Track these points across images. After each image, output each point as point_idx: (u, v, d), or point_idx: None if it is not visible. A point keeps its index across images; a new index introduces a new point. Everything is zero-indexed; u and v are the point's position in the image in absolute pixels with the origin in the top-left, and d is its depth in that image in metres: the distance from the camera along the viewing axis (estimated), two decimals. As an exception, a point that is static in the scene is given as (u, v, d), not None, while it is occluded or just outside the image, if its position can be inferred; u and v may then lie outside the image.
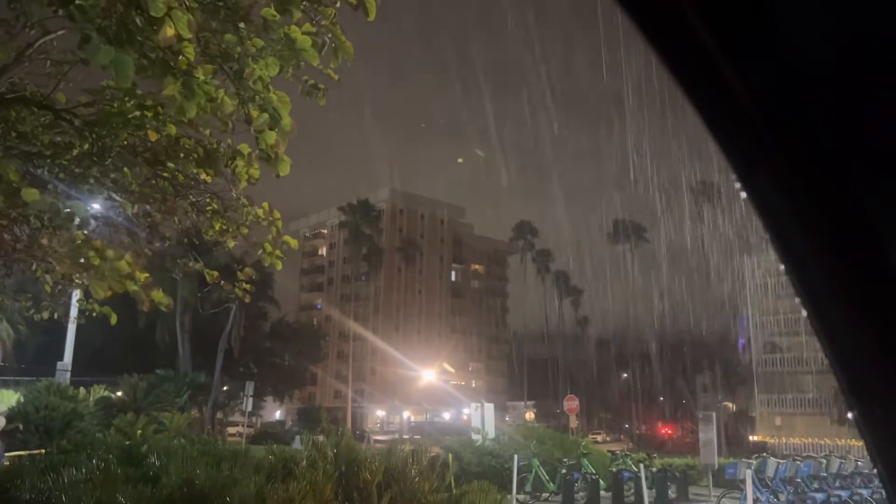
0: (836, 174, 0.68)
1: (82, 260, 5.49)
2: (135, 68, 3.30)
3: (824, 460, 17.61)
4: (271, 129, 4.18)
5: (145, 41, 3.30)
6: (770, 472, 15.58)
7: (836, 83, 0.66)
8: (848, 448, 32.00)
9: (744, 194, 0.74)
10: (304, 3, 3.83)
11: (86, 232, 5.85)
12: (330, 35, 3.95)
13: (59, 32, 5.08)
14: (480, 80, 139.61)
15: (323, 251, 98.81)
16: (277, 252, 5.84)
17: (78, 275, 5.61)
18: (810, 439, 50.42)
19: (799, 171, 0.70)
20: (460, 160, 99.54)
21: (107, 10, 3.11)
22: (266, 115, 4.10)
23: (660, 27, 0.72)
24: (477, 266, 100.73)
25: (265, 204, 5.92)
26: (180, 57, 3.52)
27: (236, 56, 3.89)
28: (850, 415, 0.81)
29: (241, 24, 3.85)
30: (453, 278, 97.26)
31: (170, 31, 3.18)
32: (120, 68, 3.17)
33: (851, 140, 0.67)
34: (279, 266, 5.88)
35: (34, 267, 6.24)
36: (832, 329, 0.76)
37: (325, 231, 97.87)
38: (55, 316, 7.10)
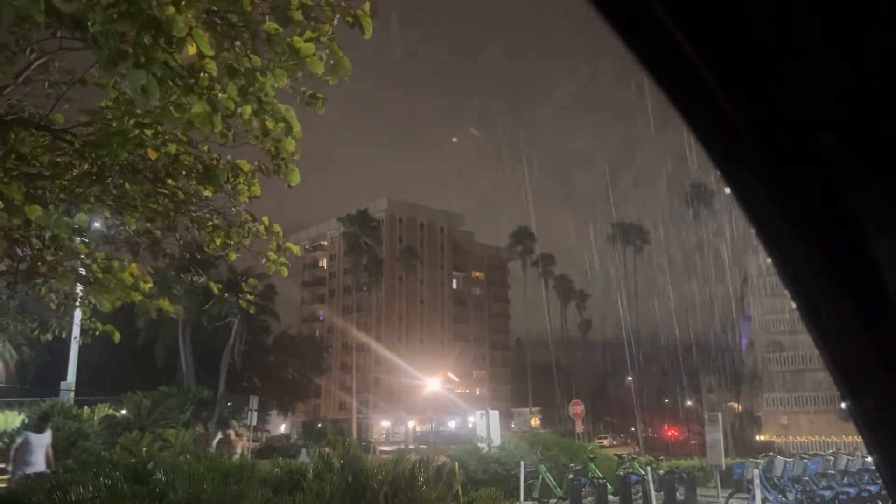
0: (818, 169, 0.70)
1: (85, 273, 5.51)
2: (158, 87, 3.36)
3: (832, 458, 17.57)
4: (287, 136, 4.26)
5: (165, 61, 3.35)
6: (778, 471, 15.55)
7: (811, 81, 0.68)
8: (855, 445, 31.87)
9: (728, 190, 0.76)
10: (302, 19, 3.87)
11: (88, 246, 5.88)
12: (328, 51, 4.00)
13: (55, 52, 5.12)
14: (479, 89, 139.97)
15: (323, 263, 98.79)
16: (282, 259, 5.87)
17: (83, 290, 5.63)
18: (817, 437, 50.28)
19: (781, 167, 0.72)
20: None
21: (125, 35, 3.15)
22: (282, 125, 4.17)
23: (635, 29, 0.74)
24: (478, 273, 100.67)
25: (265, 219, 5.95)
26: (202, 74, 3.57)
27: (242, 71, 3.93)
28: (843, 405, 0.83)
29: (241, 42, 3.89)
30: (455, 286, 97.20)
31: (192, 50, 3.22)
32: (149, 91, 3.22)
33: (831, 135, 0.70)
34: (285, 273, 5.91)
35: (38, 286, 6.26)
36: (821, 322, 0.78)
37: (325, 243, 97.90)
38: (63, 335, 7.11)
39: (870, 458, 17.11)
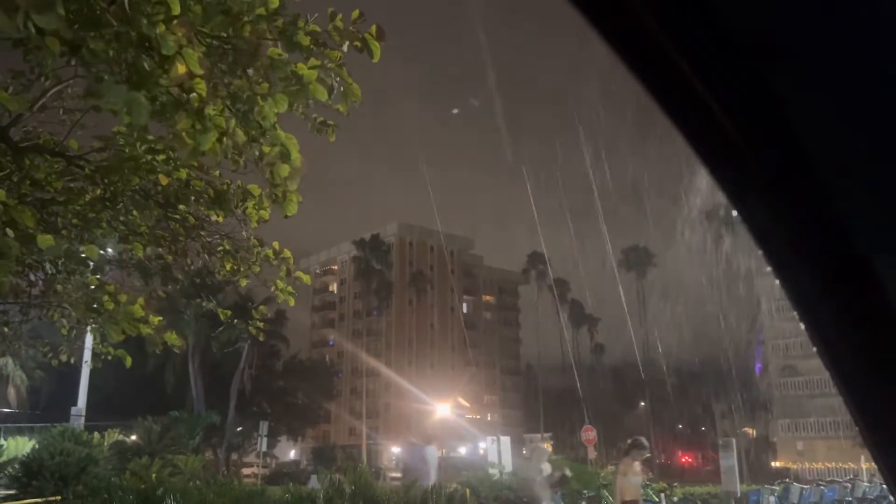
0: (817, 186, 0.70)
1: (96, 305, 5.55)
2: (148, 108, 3.37)
3: (849, 484, 17.31)
4: (283, 163, 4.25)
5: (156, 81, 3.37)
6: (794, 498, 15.31)
7: (808, 95, 0.68)
8: (873, 471, 31.28)
9: (735, 212, 0.76)
10: (311, 46, 3.90)
11: (99, 276, 5.92)
12: (338, 79, 4.01)
13: (70, 80, 5.21)
14: (487, 111, 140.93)
15: (333, 287, 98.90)
16: (289, 289, 5.87)
17: (92, 319, 5.66)
18: (834, 463, 49.44)
19: (782, 185, 0.72)
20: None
21: (118, 53, 3.19)
22: (277, 149, 4.17)
23: (629, 45, 0.74)
24: (488, 297, 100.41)
25: (275, 243, 5.97)
26: (192, 94, 3.59)
27: (244, 97, 3.96)
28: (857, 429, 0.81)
29: (243, 67, 3.92)
30: (465, 310, 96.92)
31: (181, 69, 3.25)
32: (134, 108, 3.24)
33: (831, 149, 0.69)
34: (292, 302, 5.90)
35: (50, 312, 6.30)
36: (829, 344, 0.77)
37: (335, 267, 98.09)
38: (72, 360, 7.14)
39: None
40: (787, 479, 18.40)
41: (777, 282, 0.80)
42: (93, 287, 5.62)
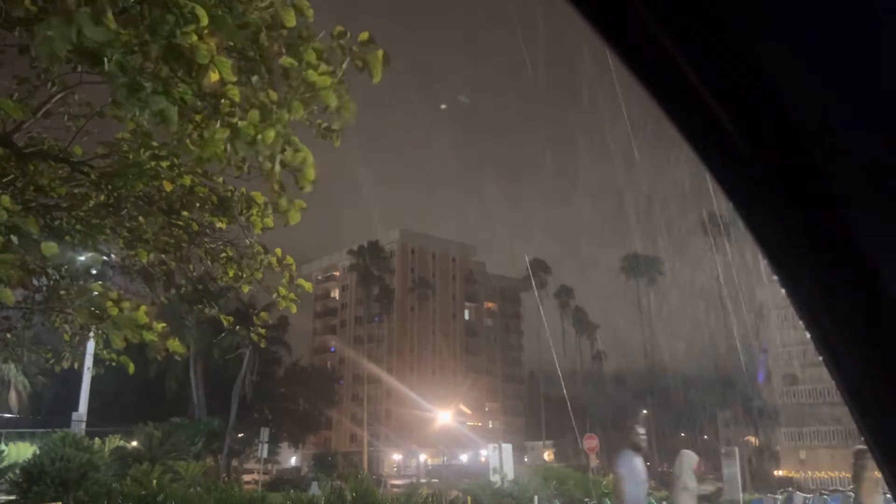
0: (823, 193, 0.70)
1: (99, 311, 5.55)
2: (177, 115, 3.41)
3: (852, 493, 17.20)
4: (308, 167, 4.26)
5: (183, 92, 3.41)
6: (797, 507, 15.24)
7: (817, 102, 0.68)
8: (877, 480, 31.06)
9: (741, 220, 0.76)
10: (314, 61, 3.93)
11: (102, 283, 5.93)
12: (336, 93, 4.04)
13: (75, 86, 5.23)
14: (490, 117, 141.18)
15: (335, 294, 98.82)
16: (291, 295, 5.88)
17: (95, 325, 5.67)
18: (837, 473, 49.21)
19: (789, 193, 0.72)
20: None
21: (144, 65, 3.21)
22: (301, 154, 4.17)
23: (635, 53, 0.74)
24: (490, 304, 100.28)
25: (278, 250, 5.98)
26: (223, 101, 3.62)
27: (258, 105, 3.98)
28: (862, 438, 0.81)
29: (258, 76, 3.95)
30: (467, 317, 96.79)
31: (214, 77, 3.29)
32: (165, 115, 3.27)
33: (834, 156, 0.69)
34: (294, 309, 5.91)
35: (53, 318, 6.30)
36: (835, 353, 0.77)
37: (337, 273, 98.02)
38: (74, 366, 7.14)
39: (890, 495, 16.72)
40: (790, 488, 18.31)
41: (782, 290, 0.80)
42: (96, 293, 5.63)
